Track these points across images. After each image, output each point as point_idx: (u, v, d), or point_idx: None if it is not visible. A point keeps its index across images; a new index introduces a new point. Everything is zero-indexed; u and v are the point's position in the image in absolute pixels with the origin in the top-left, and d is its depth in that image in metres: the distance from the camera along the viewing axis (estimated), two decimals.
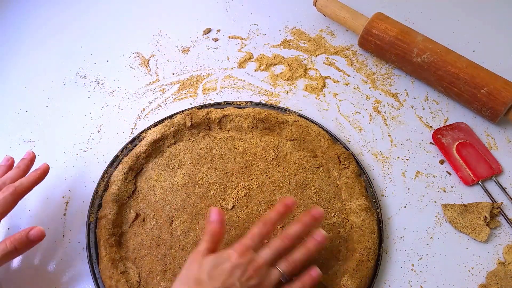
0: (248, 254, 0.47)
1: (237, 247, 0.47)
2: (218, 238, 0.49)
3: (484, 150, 0.63)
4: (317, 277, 0.48)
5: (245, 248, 0.47)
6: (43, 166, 0.55)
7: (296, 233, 0.49)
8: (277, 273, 0.47)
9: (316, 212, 0.50)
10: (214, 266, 0.46)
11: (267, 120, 0.64)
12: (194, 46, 0.77)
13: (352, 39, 0.77)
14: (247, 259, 0.46)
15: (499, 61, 0.72)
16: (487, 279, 0.53)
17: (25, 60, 0.76)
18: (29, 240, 0.49)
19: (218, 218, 0.50)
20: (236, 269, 0.45)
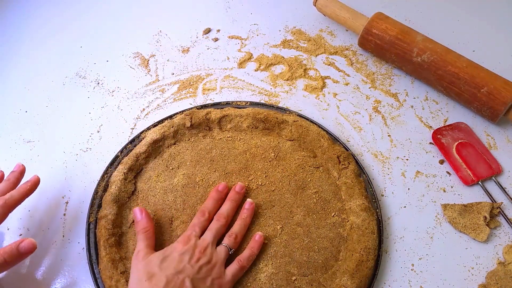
0: (190, 241, 0.51)
1: (180, 239, 0.52)
2: (151, 233, 0.52)
3: (484, 150, 0.63)
4: (261, 239, 0.54)
5: (187, 238, 0.51)
6: (33, 179, 0.54)
7: (228, 210, 0.55)
8: (223, 248, 0.52)
9: (239, 187, 0.57)
10: (163, 259, 0.49)
11: (266, 120, 0.64)
12: (194, 46, 0.77)
13: (352, 39, 0.77)
14: (192, 244, 0.50)
15: (499, 61, 0.72)
16: (487, 279, 0.53)
17: (25, 60, 0.76)
18: (20, 253, 0.48)
19: (143, 215, 0.53)
20: (184, 255, 0.49)
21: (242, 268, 0.52)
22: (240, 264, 0.51)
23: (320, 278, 0.53)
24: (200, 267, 0.49)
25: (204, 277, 0.48)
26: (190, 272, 0.48)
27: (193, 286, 0.47)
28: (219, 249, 0.52)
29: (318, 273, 0.53)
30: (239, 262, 0.51)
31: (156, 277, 0.47)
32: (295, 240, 0.55)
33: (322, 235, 0.56)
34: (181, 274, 0.47)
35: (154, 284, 0.46)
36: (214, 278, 0.49)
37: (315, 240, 0.55)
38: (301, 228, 0.56)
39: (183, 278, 0.47)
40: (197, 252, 0.50)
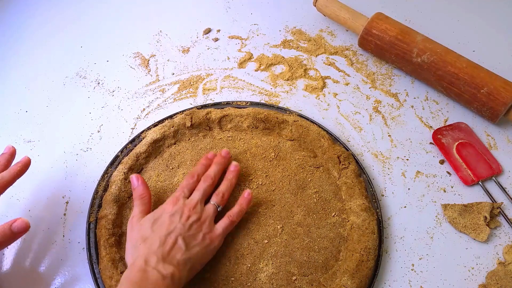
0: (179, 201, 0.53)
1: (169, 200, 0.54)
2: (147, 200, 0.55)
3: (484, 150, 0.63)
4: (249, 196, 0.56)
5: (176, 199, 0.54)
6: (24, 159, 0.54)
7: (214, 172, 0.57)
8: (211, 206, 0.54)
9: (224, 152, 0.59)
10: (154, 221, 0.51)
11: (267, 120, 0.64)
12: (194, 46, 0.77)
13: (352, 39, 0.77)
14: (181, 204, 0.53)
15: (499, 61, 0.72)
16: (487, 279, 0.53)
17: (25, 60, 0.76)
18: (13, 232, 0.48)
19: (140, 182, 0.55)
20: (174, 215, 0.51)
21: (232, 222, 0.54)
22: (230, 219, 0.54)
23: (321, 278, 0.53)
24: (190, 225, 0.51)
25: (195, 233, 0.51)
26: (181, 230, 0.50)
27: (185, 243, 0.49)
28: (207, 207, 0.54)
29: (319, 273, 0.53)
30: (229, 217, 0.54)
31: (149, 239, 0.49)
32: (295, 240, 0.55)
33: (323, 235, 0.56)
34: (173, 233, 0.50)
35: (148, 246, 0.48)
36: (205, 233, 0.51)
37: (316, 240, 0.55)
38: (301, 228, 0.56)
39: (175, 237, 0.49)
40: (187, 211, 0.52)
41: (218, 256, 0.54)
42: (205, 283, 0.52)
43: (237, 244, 0.55)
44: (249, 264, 0.54)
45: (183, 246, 0.49)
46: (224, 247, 0.55)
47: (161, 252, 0.47)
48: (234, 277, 0.53)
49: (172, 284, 0.45)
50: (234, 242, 0.55)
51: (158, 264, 0.46)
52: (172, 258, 0.48)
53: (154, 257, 0.47)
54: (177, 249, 0.49)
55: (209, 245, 0.51)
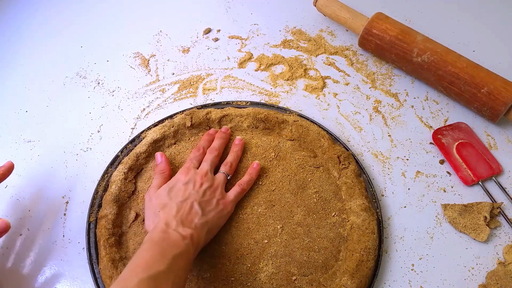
0: (191, 171, 0.57)
1: (180, 171, 0.57)
2: (167, 174, 0.58)
3: (484, 150, 0.63)
4: (258, 167, 0.60)
5: (187, 169, 0.57)
6: (7, 164, 0.56)
7: (218, 144, 0.61)
8: (221, 174, 0.58)
9: (224, 128, 0.63)
10: (170, 190, 0.55)
11: (267, 120, 0.64)
12: (194, 46, 0.77)
13: (352, 39, 0.77)
14: (192, 173, 0.56)
15: (499, 61, 0.72)
16: (487, 279, 0.53)
17: (25, 60, 0.76)
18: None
19: (163, 159, 0.60)
20: (188, 183, 0.55)
21: (243, 190, 0.58)
22: (241, 187, 0.57)
23: (320, 278, 0.53)
24: (204, 191, 0.54)
25: (209, 199, 0.54)
26: (196, 196, 0.53)
27: (201, 208, 0.53)
28: (218, 175, 0.58)
29: (318, 273, 0.53)
30: (240, 185, 0.58)
31: (168, 206, 0.52)
32: (295, 240, 0.55)
33: (322, 235, 0.56)
34: (189, 199, 0.53)
35: (167, 213, 0.51)
36: (218, 199, 0.55)
37: (315, 240, 0.55)
38: (301, 228, 0.56)
39: (191, 203, 0.53)
40: (199, 179, 0.56)
41: (218, 256, 0.54)
42: (205, 283, 0.52)
43: (237, 244, 0.55)
44: (249, 264, 0.54)
45: (199, 211, 0.52)
46: (224, 247, 0.55)
47: (180, 217, 0.51)
48: (234, 277, 0.53)
49: (191, 244, 0.48)
50: (234, 242, 0.55)
51: (178, 227, 0.49)
52: (191, 222, 0.51)
53: (174, 221, 0.50)
54: (194, 214, 0.52)
55: (222, 210, 0.54)
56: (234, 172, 0.60)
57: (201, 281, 0.53)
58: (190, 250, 0.47)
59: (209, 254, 0.54)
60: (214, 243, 0.55)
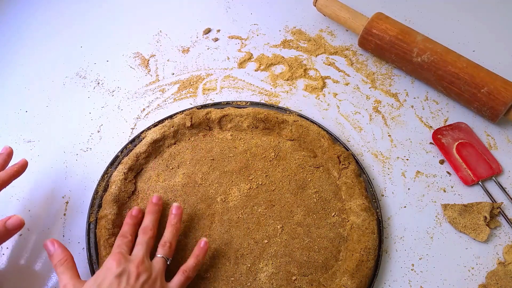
0: (123, 259, 0.46)
1: (110, 258, 0.47)
2: (71, 263, 0.48)
3: (484, 150, 0.63)
4: (206, 246, 0.51)
5: (119, 255, 0.47)
6: (22, 161, 0.54)
7: (150, 222, 0.52)
8: (159, 259, 0.49)
9: (155, 199, 0.55)
10: (98, 286, 0.44)
11: (267, 120, 0.64)
12: (194, 46, 0.77)
13: (352, 39, 0.77)
14: (125, 262, 0.46)
15: (499, 61, 0.72)
16: (487, 279, 0.53)
17: (25, 60, 0.76)
18: (7, 229, 0.47)
19: (56, 245, 0.49)
20: (122, 276, 0.45)
21: (188, 278, 0.49)
22: (185, 275, 0.48)
23: (320, 278, 0.53)
24: (141, 285, 0.45)
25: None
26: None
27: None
28: (155, 261, 0.49)
29: (318, 273, 0.53)
30: (185, 272, 0.49)
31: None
32: (295, 240, 0.55)
33: (322, 235, 0.56)
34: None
35: None
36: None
37: (315, 240, 0.55)
38: (301, 228, 0.56)
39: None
40: (134, 269, 0.46)
41: (218, 256, 0.54)
42: (205, 283, 0.52)
43: (237, 244, 0.55)
44: (249, 264, 0.54)
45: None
46: (224, 247, 0.55)
47: None
48: (234, 277, 0.53)
49: None
50: (234, 242, 0.55)
51: None
52: None
53: None
54: None
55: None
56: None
57: (201, 281, 0.53)
58: None
59: (209, 254, 0.54)
60: (213, 243, 0.55)
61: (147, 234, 0.50)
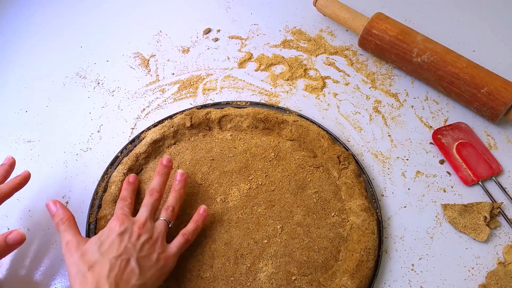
0: (126, 220, 0.48)
1: (114, 219, 0.49)
2: (72, 222, 0.49)
3: (484, 150, 0.63)
4: (205, 213, 0.53)
5: (122, 216, 0.49)
6: (24, 173, 0.53)
7: (158, 184, 0.53)
8: (162, 222, 0.50)
9: (165, 160, 0.55)
10: (101, 244, 0.46)
11: (267, 120, 0.64)
12: (194, 46, 0.77)
13: (352, 39, 0.77)
14: (128, 223, 0.48)
15: (499, 61, 0.72)
16: (487, 279, 0.53)
17: (25, 60, 0.77)
18: (8, 244, 0.47)
19: (58, 205, 0.50)
20: (124, 235, 0.47)
21: (187, 241, 0.51)
22: (185, 238, 0.50)
23: (320, 278, 0.53)
24: (142, 244, 0.47)
25: (148, 254, 0.47)
26: (133, 251, 0.46)
27: (139, 265, 0.45)
28: (157, 223, 0.50)
29: (318, 273, 0.53)
30: (184, 235, 0.51)
31: (98, 264, 0.44)
32: (295, 240, 0.55)
33: (322, 235, 0.56)
34: (124, 255, 0.45)
35: (97, 273, 0.43)
36: (159, 253, 0.48)
37: (315, 240, 0.55)
38: (301, 228, 0.56)
39: (127, 259, 0.45)
40: (136, 229, 0.48)
41: (218, 256, 0.54)
42: (205, 283, 0.52)
43: (236, 244, 0.55)
44: (248, 264, 0.54)
45: (137, 269, 0.45)
46: (224, 247, 0.55)
47: (113, 277, 0.43)
48: (234, 277, 0.53)
49: None
50: (233, 242, 0.55)
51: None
52: (126, 284, 0.43)
53: (106, 285, 0.42)
54: (130, 273, 0.44)
55: (163, 267, 0.47)
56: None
57: (201, 281, 0.53)
58: None
59: (208, 254, 0.54)
60: (213, 243, 0.55)
61: (153, 196, 0.52)
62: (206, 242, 0.55)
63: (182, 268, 0.53)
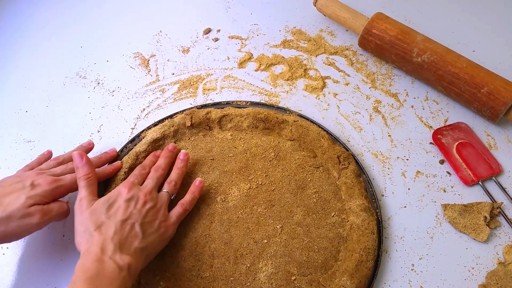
0: (135, 187, 0.52)
1: (124, 184, 0.52)
2: (93, 180, 0.53)
3: (484, 150, 0.63)
4: (201, 184, 0.57)
5: (131, 183, 0.53)
6: (117, 165, 0.59)
7: (164, 163, 0.58)
8: (165, 193, 0.55)
9: (171, 146, 0.60)
10: (109, 206, 0.49)
11: (267, 120, 0.64)
12: (194, 46, 0.77)
13: (352, 39, 0.77)
14: (136, 189, 0.52)
15: (499, 61, 0.72)
16: (487, 279, 0.53)
17: (25, 60, 0.77)
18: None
19: (84, 160, 0.53)
20: (131, 201, 0.50)
21: (185, 210, 0.55)
22: (183, 207, 0.54)
23: (320, 278, 0.52)
24: (147, 211, 0.50)
25: (151, 221, 0.50)
26: (137, 217, 0.49)
27: (142, 230, 0.49)
28: (161, 194, 0.54)
29: (318, 273, 0.53)
30: (182, 205, 0.55)
31: (104, 226, 0.47)
32: (294, 240, 0.55)
33: (322, 235, 0.56)
34: (130, 220, 0.49)
35: (103, 233, 0.47)
36: (161, 221, 0.51)
37: (315, 240, 0.55)
38: (301, 228, 0.56)
39: (132, 224, 0.48)
40: (142, 196, 0.51)
41: (218, 256, 0.54)
42: (205, 283, 0.52)
43: (236, 244, 0.55)
44: (248, 264, 0.54)
45: (140, 234, 0.48)
46: (224, 246, 0.55)
47: (118, 239, 0.46)
48: (234, 276, 0.53)
49: (128, 275, 0.44)
50: (233, 242, 0.55)
51: (115, 253, 0.45)
52: (129, 246, 0.47)
53: (111, 245, 0.45)
54: (134, 236, 0.48)
55: (164, 233, 0.51)
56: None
57: (201, 281, 0.53)
58: (127, 283, 0.44)
59: (208, 254, 0.54)
60: (213, 243, 0.55)
61: (158, 172, 0.56)
62: (206, 242, 0.55)
63: (182, 268, 0.53)
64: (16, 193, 0.49)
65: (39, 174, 0.53)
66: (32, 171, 0.54)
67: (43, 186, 0.51)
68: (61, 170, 0.55)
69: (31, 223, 0.48)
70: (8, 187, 0.50)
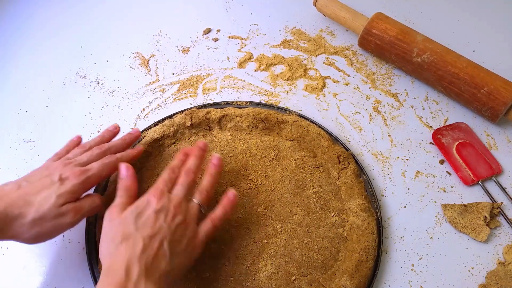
0: (164, 196, 0.48)
1: (152, 192, 0.48)
2: (132, 193, 0.50)
3: (484, 150, 0.63)
4: (234, 197, 0.52)
5: (160, 192, 0.48)
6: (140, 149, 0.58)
7: (195, 165, 0.53)
8: (195, 205, 0.50)
9: (202, 144, 0.56)
10: (138, 216, 0.46)
11: (267, 120, 0.64)
12: (194, 46, 0.78)
13: (352, 39, 0.77)
14: (166, 200, 0.48)
15: (499, 61, 0.72)
16: (487, 279, 0.53)
17: (25, 60, 0.77)
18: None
19: (129, 173, 0.51)
20: (160, 213, 0.46)
21: (215, 227, 0.50)
22: (213, 223, 0.50)
23: (320, 278, 0.52)
24: (176, 226, 0.46)
25: (180, 238, 0.46)
26: (167, 232, 0.45)
27: (170, 248, 0.45)
28: (191, 206, 0.49)
29: (318, 273, 0.53)
30: (213, 221, 0.50)
31: (132, 239, 0.44)
32: (294, 240, 0.55)
33: (322, 235, 0.56)
34: (158, 236, 0.45)
35: (131, 248, 0.43)
36: (189, 238, 0.47)
37: (315, 240, 0.55)
38: (300, 228, 0.56)
39: (160, 241, 0.45)
40: (172, 208, 0.47)
41: (218, 256, 0.54)
42: (205, 283, 0.52)
43: (236, 244, 0.55)
44: (248, 264, 0.54)
45: (168, 253, 0.44)
46: (224, 247, 0.55)
47: (145, 260, 0.43)
48: (234, 276, 0.53)
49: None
50: (233, 242, 0.55)
51: (140, 280, 0.41)
52: (156, 269, 0.43)
53: (137, 267, 0.42)
54: (161, 257, 0.44)
55: (191, 253, 0.47)
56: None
57: (201, 281, 0.53)
58: None
59: (208, 254, 0.54)
60: (213, 243, 0.55)
61: (190, 177, 0.51)
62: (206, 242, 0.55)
63: None
64: (46, 190, 0.47)
65: (66, 165, 0.50)
66: (59, 161, 0.51)
67: (72, 179, 0.48)
68: (87, 157, 0.52)
69: (64, 222, 0.47)
70: (36, 183, 0.48)
